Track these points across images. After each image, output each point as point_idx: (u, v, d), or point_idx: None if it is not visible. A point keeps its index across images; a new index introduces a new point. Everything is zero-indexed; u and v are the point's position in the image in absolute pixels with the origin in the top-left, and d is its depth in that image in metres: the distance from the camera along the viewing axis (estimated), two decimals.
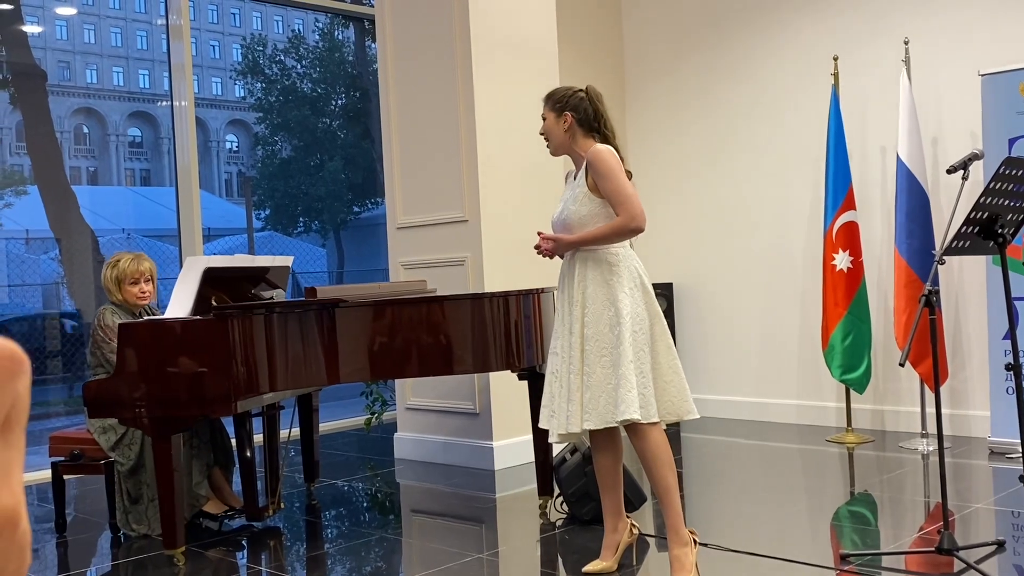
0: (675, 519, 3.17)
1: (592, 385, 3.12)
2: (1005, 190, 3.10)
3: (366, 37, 11.05)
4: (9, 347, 0.44)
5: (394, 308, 3.84)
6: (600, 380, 3.11)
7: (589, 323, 3.16)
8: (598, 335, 3.13)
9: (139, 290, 4.22)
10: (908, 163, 5.18)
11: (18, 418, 0.45)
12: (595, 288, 3.18)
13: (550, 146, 3.37)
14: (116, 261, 4.26)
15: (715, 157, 6.52)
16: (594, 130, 3.30)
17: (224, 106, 15.08)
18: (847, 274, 5.42)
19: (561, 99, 3.31)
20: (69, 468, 4.23)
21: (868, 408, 5.75)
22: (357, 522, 4.43)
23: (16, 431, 0.45)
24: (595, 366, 3.13)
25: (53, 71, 12.05)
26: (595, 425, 3.12)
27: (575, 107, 3.29)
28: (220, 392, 3.55)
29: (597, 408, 3.11)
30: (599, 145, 3.24)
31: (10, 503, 0.44)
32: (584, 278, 3.20)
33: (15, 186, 9.40)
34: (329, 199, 13.29)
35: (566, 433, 3.21)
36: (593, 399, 3.11)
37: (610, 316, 3.13)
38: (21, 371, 0.44)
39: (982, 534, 3.63)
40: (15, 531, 0.44)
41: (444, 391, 5.37)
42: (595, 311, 3.16)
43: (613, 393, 3.09)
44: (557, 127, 3.30)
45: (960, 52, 5.36)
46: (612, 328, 3.12)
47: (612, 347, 3.11)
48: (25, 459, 0.46)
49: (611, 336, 3.11)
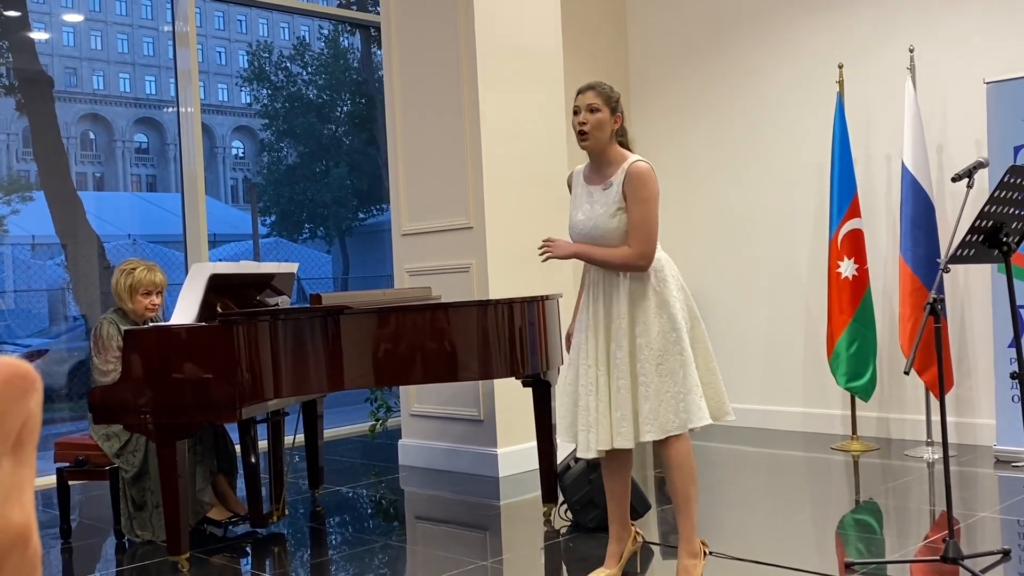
0: (689, 530, 3.16)
1: (651, 396, 3.02)
2: (1010, 198, 3.10)
3: (372, 44, 11.07)
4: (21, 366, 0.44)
5: (399, 315, 3.85)
6: (659, 390, 3.02)
7: (640, 332, 3.06)
8: (651, 344, 3.04)
9: (150, 302, 4.19)
10: (913, 171, 5.18)
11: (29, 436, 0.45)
12: (643, 298, 3.08)
13: (590, 140, 3.15)
14: (131, 269, 4.22)
15: (720, 165, 6.52)
16: (620, 136, 3.22)
17: (230, 112, 15.12)
18: (852, 282, 5.42)
19: (617, 99, 3.19)
20: (74, 474, 4.23)
21: (873, 416, 5.74)
22: (361, 529, 4.43)
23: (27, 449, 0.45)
24: (651, 376, 3.02)
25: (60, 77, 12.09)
26: (656, 436, 3.02)
27: (622, 110, 3.21)
28: (225, 398, 3.55)
29: (658, 419, 3.02)
30: (644, 163, 3.14)
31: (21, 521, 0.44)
32: (630, 287, 3.09)
33: (21, 192, 9.43)
34: (334, 205, 13.32)
35: (609, 448, 3.09)
36: (653, 410, 3.02)
37: (662, 323, 3.05)
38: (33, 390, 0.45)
39: (988, 543, 3.61)
40: (26, 549, 0.45)
41: (448, 398, 5.37)
42: (646, 319, 3.06)
43: (676, 402, 3.01)
44: (609, 124, 3.15)
45: (965, 60, 5.36)
46: (666, 335, 3.04)
47: (670, 354, 3.03)
48: None
49: (665, 343, 3.03)
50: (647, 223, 3.09)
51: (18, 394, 0.44)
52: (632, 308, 3.09)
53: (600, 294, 3.17)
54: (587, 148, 3.19)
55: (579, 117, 3.16)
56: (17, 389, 0.44)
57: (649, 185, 3.10)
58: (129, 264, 4.27)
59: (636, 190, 3.09)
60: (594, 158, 3.22)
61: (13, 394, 0.44)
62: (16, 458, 0.44)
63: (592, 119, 3.14)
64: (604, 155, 3.19)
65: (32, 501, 0.45)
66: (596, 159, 3.22)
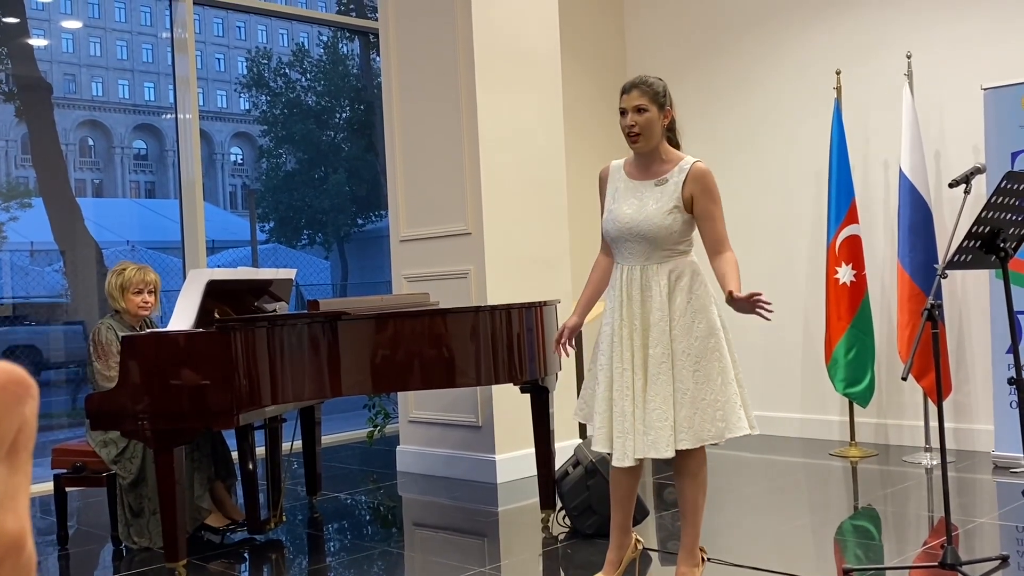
0: (693, 539, 3.15)
1: (686, 403, 2.92)
2: (1007, 204, 3.10)
3: (370, 50, 11.08)
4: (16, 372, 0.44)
5: (396, 321, 3.85)
6: (695, 397, 2.93)
7: (678, 336, 2.96)
8: (688, 349, 2.95)
9: (142, 300, 4.22)
10: (911, 177, 5.19)
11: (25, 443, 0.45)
12: (683, 299, 3.00)
13: (642, 141, 3.03)
14: (122, 269, 4.27)
15: (718, 170, 6.47)
16: (668, 132, 3.13)
17: (229, 119, 15.12)
18: (850, 288, 5.42)
19: (664, 93, 3.09)
20: (71, 480, 4.22)
21: (871, 422, 5.74)
22: (359, 535, 4.42)
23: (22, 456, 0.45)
24: (688, 382, 2.93)
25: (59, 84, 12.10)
26: (690, 444, 2.92)
27: (671, 103, 3.11)
28: (222, 405, 3.55)
29: (693, 427, 2.93)
30: (702, 163, 3.09)
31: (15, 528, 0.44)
32: (669, 288, 3.00)
33: (20, 198, 9.43)
34: (333, 212, 13.32)
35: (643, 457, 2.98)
36: (688, 418, 2.92)
37: (701, 328, 2.97)
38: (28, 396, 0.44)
39: (986, 549, 3.61)
40: (20, 556, 0.44)
41: (447, 404, 5.37)
42: (684, 323, 2.97)
43: (713, 410, 2.93)
44: (659, 123, 3.05)
45: (963, 66, 5.37)
46: (704, 340, 2.96)
47: (708, 360, 2.94)
48: None
49: (704, 348, 2.95)
50: (722, 222, 3.08)
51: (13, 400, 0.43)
52: (671, 310, 3.00)
53: (636, 293, 3.04)
54: (638, 149, 3.08)
55: (627, 119, 3.05)
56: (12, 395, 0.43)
57: (715, 184, 3.09)
58: (120, 265, 4.31)
59: (708, 191, 3.05)
60: (643, 155, 3.11)
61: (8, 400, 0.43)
62: (10, 465, 0.44)
63: (641, 120, 3.04)
64: (655, 152, 3.09)
65: (27, 508, 0.45)
66: (645, 156, 3.11)
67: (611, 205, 3.14)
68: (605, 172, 3.24)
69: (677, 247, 3.06)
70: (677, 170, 3.06)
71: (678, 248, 3.06)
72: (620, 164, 3.21)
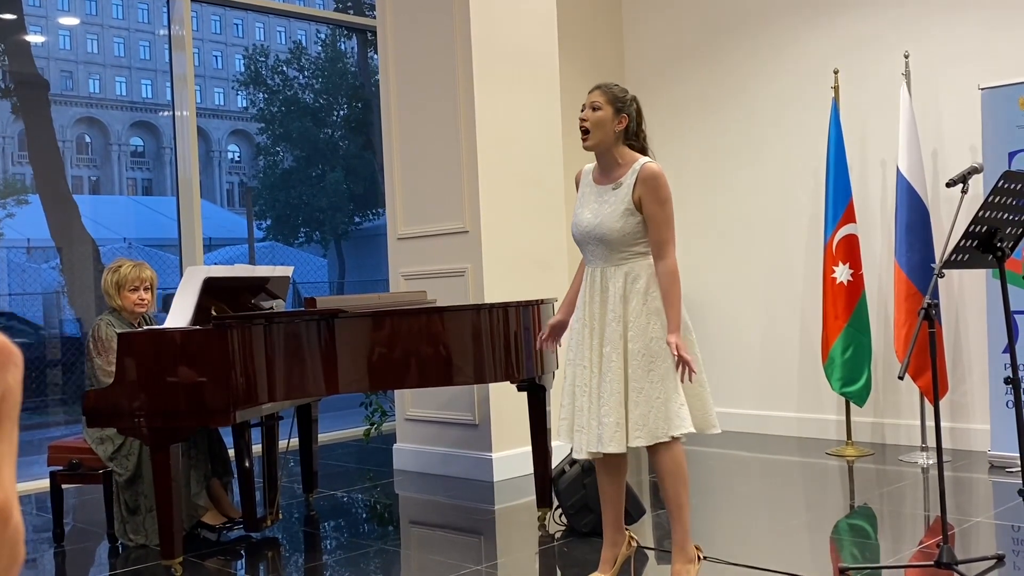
0: (683, 535, 3.16)
1: (641, 402, 3.02)
2: (1004, 204, 3.10)
3: (368, 48, 11.08)
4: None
5: (393, 319, 3.84)
6: (649, 395, 3.01)
7: (633, 337, 3.05)
8: (644, 349, 3.03)
9: (138, 297, 4.22)
10: (908, 176, 5.19)
11: (9, 411, 0.44)
12: (638, 301, 3.07)
13: (592, 138, 3.13)
14: (118, 266, 4.27)
15: (715, 170, 6.53)
16: (630, 139, 3.19)
17: (226, 116, 15.11)
18: (847, 287, 5.42)
19: (622, 99, 3.16)
20: (67, 478, 4.22)
21: (868, 421, 5.75)
22: (356, 533, 4.42)
23: (6, 425, 0.44)
24: (643, 381, 3.02)
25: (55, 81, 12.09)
26: (645, 442, 3.02)
27: (630, 112, 3.18)
28: (219, 402, 3.55)
29: (647, 424, 3.01)
30: (654, 163, 3.13)
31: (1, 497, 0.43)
32: (624, 291, 3.09)
33: (17, 195, 9.41)
34: (330, 210, 13.31)
35: (595, 451, 3.09)
36: (643, 416, 3.02)
37: (655, 328, 3.04)
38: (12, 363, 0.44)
39: (982, 548, 3.62)
40: (6, 526, 0.44)
41: (443, 402, 5.37)
42: (639, 324, 3.05)
43: (663, 408, 3.01)
44: (611, 124, 3.12)
45: (960, 66, 5.37)
46: (659, 341, 3.03)
47: (661, 359, 3.02)
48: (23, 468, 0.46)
49: (658, 349, 3.02)
50: (668, 225, 3.09)
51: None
52: (626, 312, 3.08)
53: (597, 294, 3.15)
54: (587, 146, 3.17)
55: (582, 114, 3.17)
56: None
57: (666, 186, 3.10)
58: (116, 262, 4.31)
59: (655, 192, 3.08)
60: (601, 158, 3.20)
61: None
62: None
63: (592, 116, 3.13)
64: (611, 155, 3.16)
65: (12, 478, 0.44)
66: (603, 159, 3.19)
67: (576, 209, 3.26)
68: (579, 175, 3.34)
69: (633, 249, 3.12)
70: (630, 172, 3.13)
71: (634, 250, 3.12)
72: (591, 168, 3.30)
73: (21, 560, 0.45)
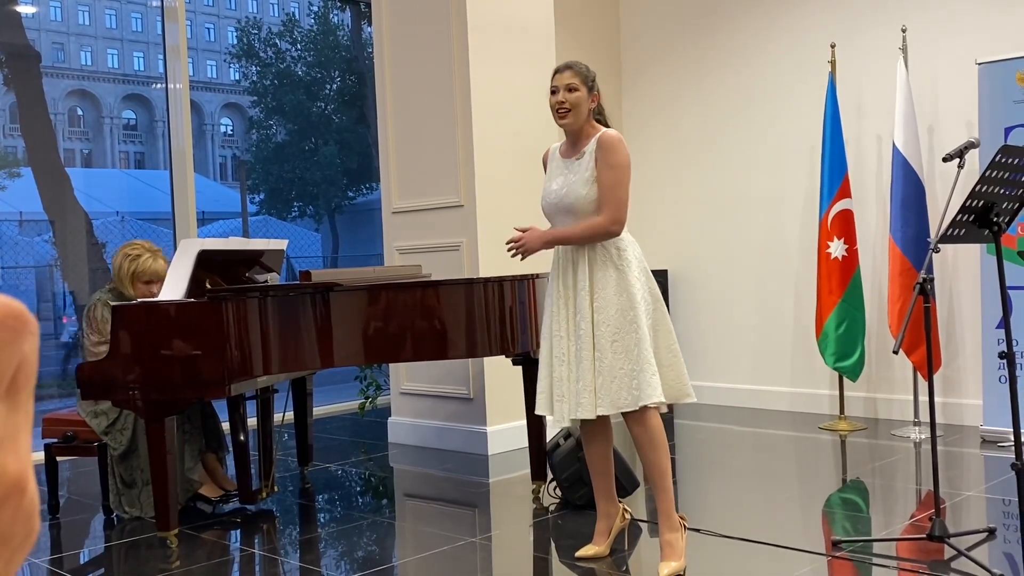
0: (667, 504, 3.18)
1: (604, 371, 3.09)
2: (1001, 178, 3.10)
3: (362, 20, 11.00)
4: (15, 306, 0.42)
5: (388, 292, 3.84)
6: (612, 366, 3.08)
7: (600, 308, 3.12)
8: (608, 320, 3.10)
9: (149, 291, 4.12)
10: (904, 151, 5.18)
11: (25, 382, 0.43)
12: (604, 273, 3.14)
13: (571, 117, 3.22)
14: (136, 256, 4.11)
15: (711, 144, 6.51)
16: (598, 115, 3.29)
17: (219, 89, 15.02)
18: (842, 262, 5.43)
19: (592, 77, 3.27)
20: (62, 450, 4.22)
21: (861, 396, 5.77)
22: (350, 506, 4.44)
23: (22, 395, 0.44)
24: (606, 351, 3.09)
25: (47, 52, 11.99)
26: (608, 411, 3.10)
27: (598, 89, 3.28)
28: (214, 375, 3.55)
29: (610, 394, 3.08)
30: (614, 132, 3.22)
31: (16, 469, 0.43)
32: (592, 262, 3.16)
33: (9, 168, 9.36)
34: (324, 184, 13.27)
35: (573, 417, 3.17)
36: (605, 384, 3.08)
37: (622, 301, 3.10)
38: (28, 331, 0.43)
39: (973, 522, 3.64)
40: (22, 498, 0.43)
41: (438, 376, 5.37)
42: (605, 296, 3.12)
43: (629, 379, 3.06)
44: (586, 103, 3.23)
45: (957, 41, 5.35)
46: (624, 313, 3.09)
47: (625, 332, 3.08)
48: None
49: (623, 321, 3.09)
50: (617, 188, 3.16)
51: (11, 336, 0.42)
52: (592, 283, 3.15)
53: (568, 266, 3.23)
54: (566, 126, 3.26)
55: (558, 96, 3.23)
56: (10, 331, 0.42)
57: (619, 151, 3.17)
58: (134, 249, 4.15)
59: (606, 156, 3.17)
60: (570, 135, 3.30)
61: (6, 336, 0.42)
62: (10, 404, 0.43)
63: (571, 98, 3.21)
64: (580, 131, 3.26)
65: (28, 449, 0.44)
66: (572, 136, 3.30)
67: (545, 185, 3.35)
68: (546, 155, 3.45)
69: None
70: (593, 142, 3.22)
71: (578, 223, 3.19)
72: (557, 146, 3.41)
73: (36, 532, 0.45)
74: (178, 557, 3.62)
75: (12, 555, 0.43)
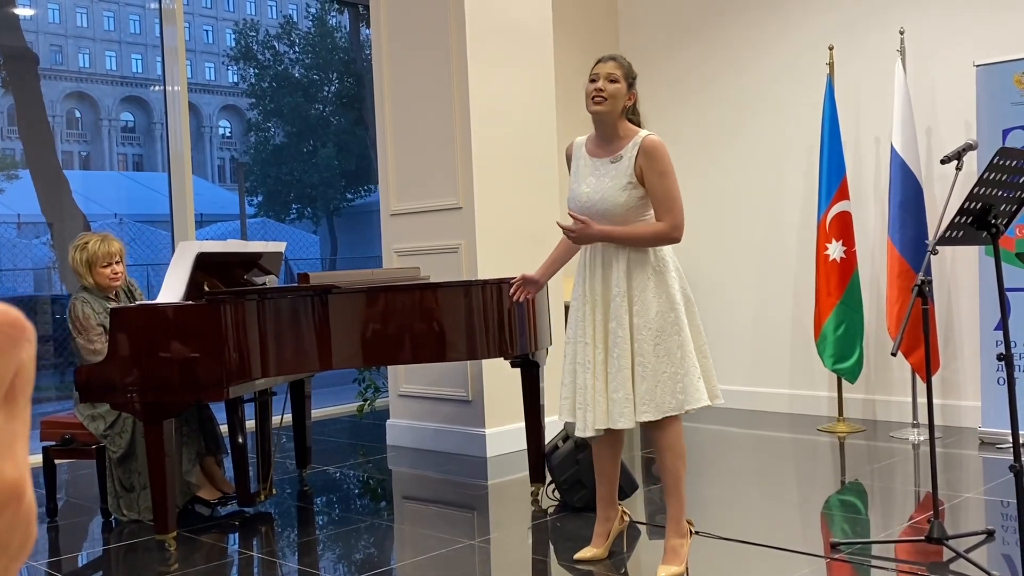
0: (678, 511, 3.17)
1: (648, 376, 3.03)
2: (999, 180, 3.10)
3: (360, 23, 11.00)
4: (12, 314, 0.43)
5: (387, 294, 3.84)
6: (656, 369, 3.02)
7: (639, 312, 3.05)
8: (648, 324, 3.03)
9: (111, 271, 4.15)
10: (902, 153, 5.19)
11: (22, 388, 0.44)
12: (642, 275, 3.07)
13: (605, 108, 3.10)
14: (84, 244, 4.16)
15: (709, 146, 6.51)
16: (631, 114, 3.20)
17: (217, 91, 15.01)
18: (840, 264, 5.43)
19: (635, 76, 3.19)
20: (60, 452, 4.21)
21: (859, 398, 5.77)
22: (349, 508, 4.43)
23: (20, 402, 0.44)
24: (649, 356, 3.02)
25: (45, 55, 11.99)
26: (653, 416, 3.03)
27: (636, 90, 3.20)
28: (212, 377, 3.54)
29: (655, 399, 3.02)
30: (656, 136, 3.13)
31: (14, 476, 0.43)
32: (628, 265, 3.08)
33: (7, 170, 9.36)
34: (322, 186, 13.26)
35: (604, 428, 3.09)
36: (650, 390, 3.02)
37: (661, 303, 3.05)
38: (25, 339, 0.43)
39: (972, 523, 3.64)
40: (20, 505, 0.43)
41: (437, 378, 5.37)
42: (645, 299, 3.05)
43: (673, 382, 3.02)
44: (623, 98, 3.12)
45: (955, 43, 5.36)
46: (665, 315, 3.04)
47: (667, 334, 3.03)
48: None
49: (664, 323, 3.04)
50: (674, 195, 3.09)
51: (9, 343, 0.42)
52: (630, 287, 3.08)
53: (598, 270, 3.14)
54: (599, 113, 3.13)
55: (597, 84, 3.12)
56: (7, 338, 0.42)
57: (666, 158, 3.10)
58: (81, 240, 4.20)
59: (653, 164, 3.08)
60: (601, 130, 3.19)
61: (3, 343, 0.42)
62: (8, 411, 0.43)
63: (610, 88, 3.11)
64: (613, 128, 3.15)
65: (26, 456, 0.44)
66: (604, 132, 3.17)
67: (572, 184, 3.25)
68: (570, 149, 3.33)
69: (635, 223, 3.12)
70: (631, 145, 3.12)
71: (637, 224, 3.12)
72: (583, 141, 3.28)
73: (34, 538, 0.45)
74: (176, 560, 3.62)
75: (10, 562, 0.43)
